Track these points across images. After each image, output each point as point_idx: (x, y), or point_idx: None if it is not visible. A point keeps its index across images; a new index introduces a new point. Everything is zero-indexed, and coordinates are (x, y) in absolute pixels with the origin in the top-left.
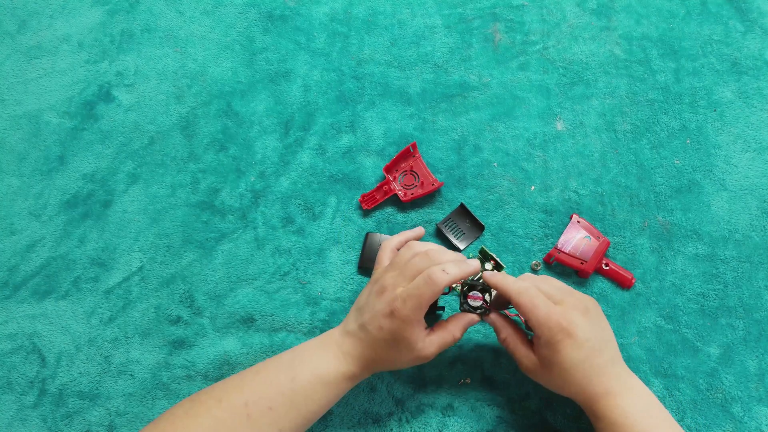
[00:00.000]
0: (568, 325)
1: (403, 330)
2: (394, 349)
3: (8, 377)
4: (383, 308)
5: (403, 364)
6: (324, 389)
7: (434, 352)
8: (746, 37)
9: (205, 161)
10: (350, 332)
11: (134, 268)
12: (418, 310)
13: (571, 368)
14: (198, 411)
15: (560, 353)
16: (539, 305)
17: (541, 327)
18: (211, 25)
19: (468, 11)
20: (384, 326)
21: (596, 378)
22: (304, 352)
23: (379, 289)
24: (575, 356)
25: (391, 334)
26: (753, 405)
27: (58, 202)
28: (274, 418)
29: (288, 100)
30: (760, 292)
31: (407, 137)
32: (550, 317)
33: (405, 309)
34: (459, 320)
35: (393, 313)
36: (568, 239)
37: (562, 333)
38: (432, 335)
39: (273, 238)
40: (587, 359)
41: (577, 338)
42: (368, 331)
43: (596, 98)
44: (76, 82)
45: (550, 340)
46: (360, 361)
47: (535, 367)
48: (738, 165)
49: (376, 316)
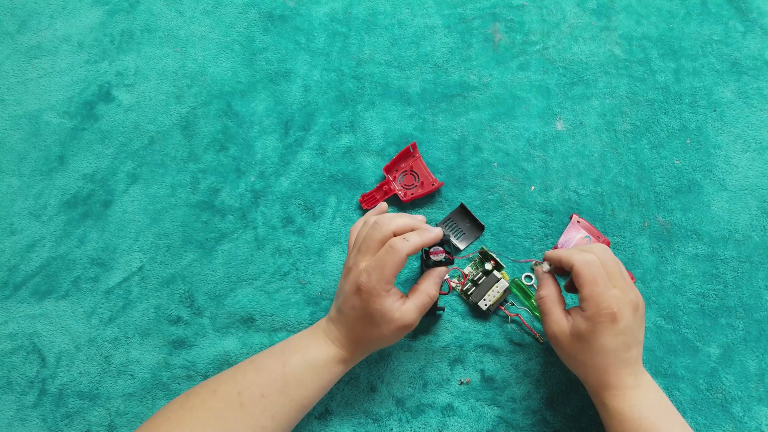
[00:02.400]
0: (617, 311)
1: (373, 303)
2: (372, 324)
3: (8, 377)
4: (350, 287)
5: (389, 337)
6: (315, 374)
7: (415, 316)
8: (746, 37)
9: (205, 161)
10: (332, 318)
11: (134, 268)
12: (383, 281)
13: (600, 351)
14: (193, 403)
15: (597, 333)
16: (599, 282)
17: (592, 302)
18: (211, 25)
19: (468, 11)
20: (355, 304)
21: (615, 369)
22: (295, 340)
23: (345, 271)
24: (609, 342)
25: (363, 310)
26: (753, 405)
27: (58, 202)
28: (267, 405)
29: (288, 100)
30: (760, 292)
31: (407, 137)
32: (605, 297)
33: (370, 281)
34: (430, 277)
35: (359, 289)
36: (568, 239)
37: (609, 316)
38: (407, 301)
39: (273, 238)
40: (617, 350)
41: (618, 327)
42: (343, 313)
43: (596, 98)
44: (76, 82)
45: (595, 317)
46: (346, 344)
47: (563, 335)
48: (738, 165)
49: (347, 297)
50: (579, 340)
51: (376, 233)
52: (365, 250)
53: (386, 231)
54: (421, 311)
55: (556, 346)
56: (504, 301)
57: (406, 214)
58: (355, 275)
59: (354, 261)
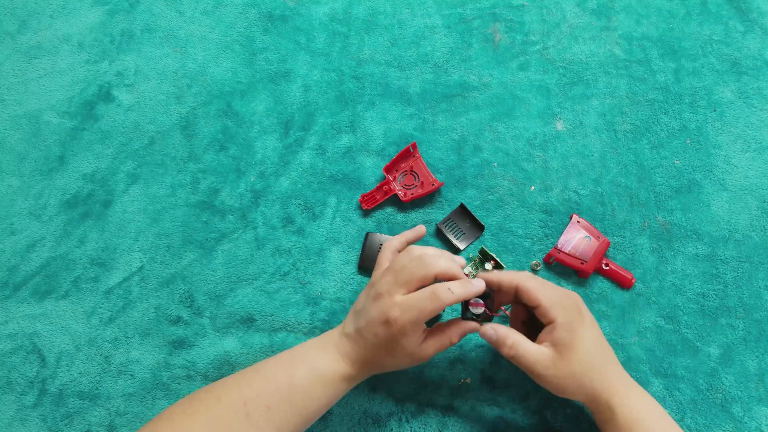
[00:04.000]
0: (578, 303)
1: (398, 339)
2: (390, 354)
3: (8, 377)
4: (379, 316)
5: (400, 366)
6: (322, 389)
7: (432, 354)
8: (746, 37)
9: (205, 161)
10: (348, 335)
11: (134, 268)
12: (416, 322)
13: (589, 350)
14: (197, 409)
15: (577, 331)
16: (549, 288)
17: (556, 307)
18: (211, 25)
19: (468, 11)
20: (379, 333)
21: (611, 366)
22: (304, 351)
23: (375, 295)
24: (589, 337)
25: (387, 341)
26: (753, 405)
27: (58, 202)
28: (272, 417)
29: (288, 100)
30: (760, 292)
31: (407, 137)
32: (563, 298)
33: (402, 319)
34: (458, 327)
35: (389, 322)
36: (568, 239)
37: (575, 310)
38: (429, 339)
39: (273, 238)
40: (598, 342)
41: (586, 318)
42: (364, 337)
43: (596, 98)
44: (76, 82)
45: (567, 320)
46: (357, 363)
47: (550, 362)
48: (738, 165)
49: (371, 323)
50: (566, 353)
51: (419, 270)
52: (403, 283)
53: (430, 272)
54: (438, 351)
55: (549, 382)
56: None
57: (448, 254)
58: (387, 306)
59: (388, 289)
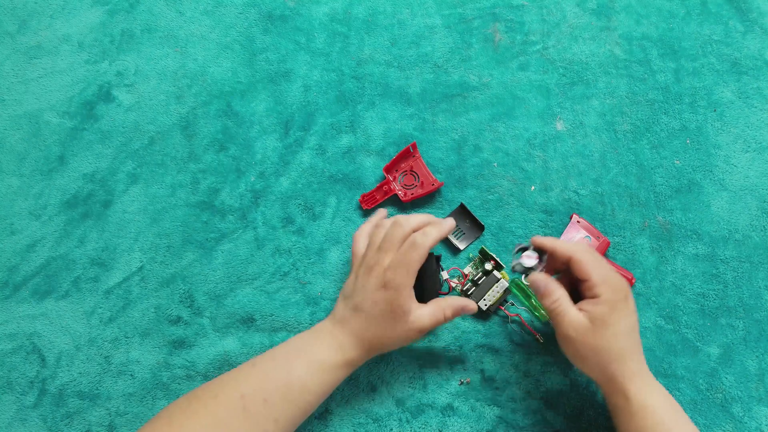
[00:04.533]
0: (627, 289)
1: (397, 298)
2: (390, 321)
3: (8, 377)
4: (376, 282)
5: (397, 339)
6: (319, 378)
7: (427, 324)
8: (746, 37)
9: (205, 161)
10: (341, 319)
11: (134, 268)
12: (408, 276)
13: (620, 334)
14: (195, 408)
15: (616, 315)
16: (604, 266)
17: (605, 284)
18: (211, 25)
19: (468, 11)
20: (378, 299)
21: (636, 354)
22: (298, 343)
23: (367, 269)
24: (626, 323)
25: (387, 305)
26: (753, 405)
27: (58, 202)
28: (270, 410)
29: (288, 100)
30: (760, 292)
31: (407, 137)
32: (615, 278)
33: (397, 277)
34: (455, 303)
35: (386, 285)
36: (568, 239)
37: (623, 293)
38: (425, 308)
39: (273, 238)
40: (633, 331)
41: (630, 305)
42: (363, 310)
43: (596, 98)
44: (76, 82)
45: (611, 298)
46: (354, 345)
47: (583, 329)
48: (738, 165)
49: (368, 293)
50: (599, 329)
51: (397, 232)
52: (387, 248)
53: (407, 229)
54: (432, 324)
55: (571, 347)
56: (504, 301)
57: (420, 214)
58: (380, 271)
59: (376, 260)
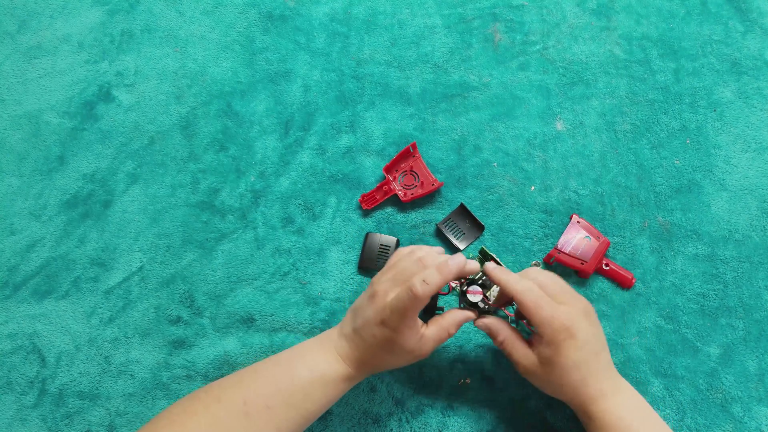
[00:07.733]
0: (571, 326)
1: (395, 338)
2: (389, 353)
3: (8, 377)
4: (374, 316)
5: (399, 364)
6: (322, 389)
7: (431, 348)
8: (746, 37)
9: (205, 161)
10: (346, 335)
11: (134, 268)
12: (403, 320)
13: (571, 368)
14: (196, 409)
15: (562, 353)
16: (543, 306)
17: (544, 326)
18: (211, 25)
19: (468, 11)
20: (376, 334)
21: (592, 380)
22: (303, 351)
23: (371, 294)
24: (576, 357)
25: (385, 341)
26: (753, 405)
27: (58, 202)
28: (272, 417)
29: (288, 100)
30: (760, 292)
31: (407, 137)
32: (554, 317)
33: (392, 321)
34: (454, 316)
35: (384, 322)
36: (568, 239)
37: (566, 333)
38: (426, 333)
39: (273, 238)
40: (586, 361)
41: (578, 339)
42: (362, 337)
43: (596, 98)
44: (76, 82)
45: (553, 340)
46: (356, 363)
47: (534, 367)
48: (738, 165)
49: (368, 323)
50: (550, 365)
51: (413, 268)
52: (400, 283)
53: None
54: (437, 345)
55: (532, 379)
56: None
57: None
58: (380, 307)
59: (384, 288)
